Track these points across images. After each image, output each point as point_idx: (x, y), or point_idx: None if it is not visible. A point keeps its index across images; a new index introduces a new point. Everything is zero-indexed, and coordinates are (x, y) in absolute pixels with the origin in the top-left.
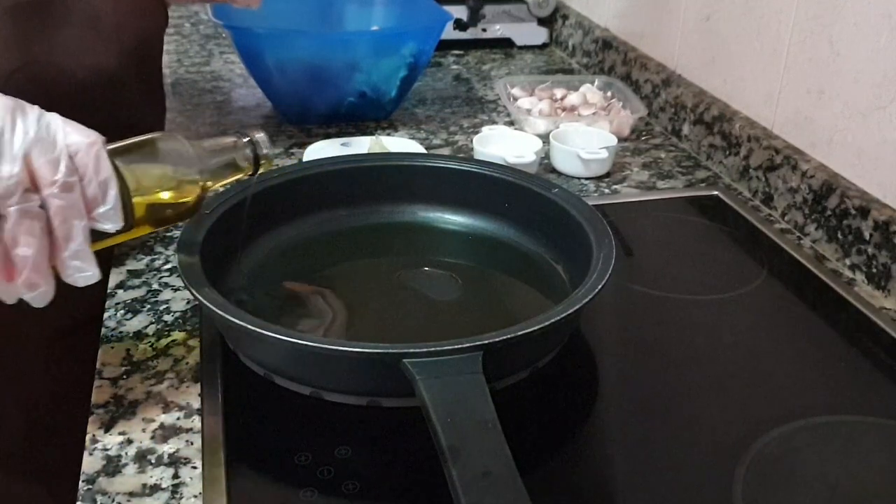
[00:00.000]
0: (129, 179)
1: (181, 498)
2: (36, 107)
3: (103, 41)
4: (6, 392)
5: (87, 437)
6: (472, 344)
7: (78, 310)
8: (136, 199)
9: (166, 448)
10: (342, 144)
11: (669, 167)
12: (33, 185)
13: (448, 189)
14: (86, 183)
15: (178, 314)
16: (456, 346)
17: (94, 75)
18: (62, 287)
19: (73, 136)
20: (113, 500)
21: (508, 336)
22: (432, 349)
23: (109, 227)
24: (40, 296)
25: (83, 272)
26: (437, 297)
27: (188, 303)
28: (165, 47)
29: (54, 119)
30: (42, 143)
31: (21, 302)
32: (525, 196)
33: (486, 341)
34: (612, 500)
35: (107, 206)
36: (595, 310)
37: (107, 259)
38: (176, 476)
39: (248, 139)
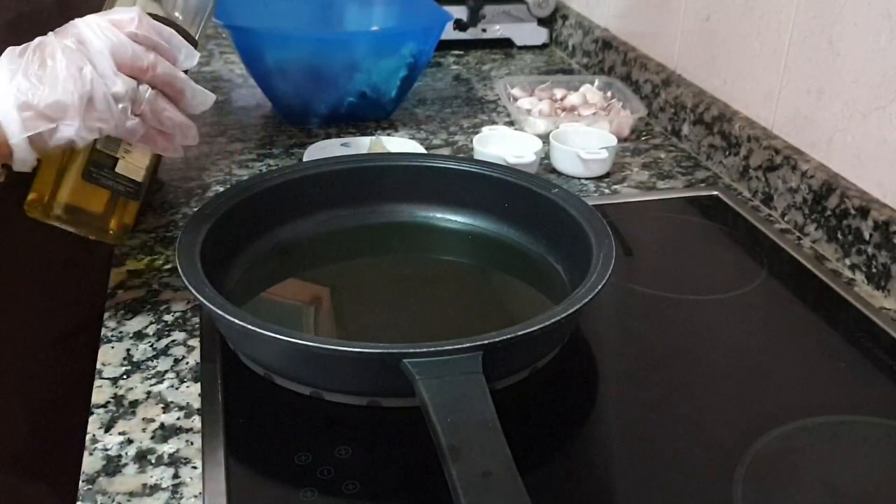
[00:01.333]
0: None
1: (181, 498)
2: (67, 32)
3: None
4: (11, 394)
5: (88, 437)
6: (472, 344)
7: (80, 312)
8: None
9: (166, 448)
10: (342, 144)
11: (669, 167)
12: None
13: (448, 189)
14: (156, 45)
15: (178, 314)
16: (456, 346)
17: None
18: (63, 290)
19: (117, 17)
20: (113, 500)
21: (508, 336)
22: (432, 349)
23: (194, 61)
24: (195, 136)
25: (206, 99)
26: (437, 296)
27: (188, 303)
28: None
29: (90, 23)
30: (115, 49)
31: (25, 306)
32: (525, 196)
33: (486, 341)
34: (612, 500)
35: (182, 49)
36: (595, 310)
37: (107, 259)
38: (176, 476)
39: None
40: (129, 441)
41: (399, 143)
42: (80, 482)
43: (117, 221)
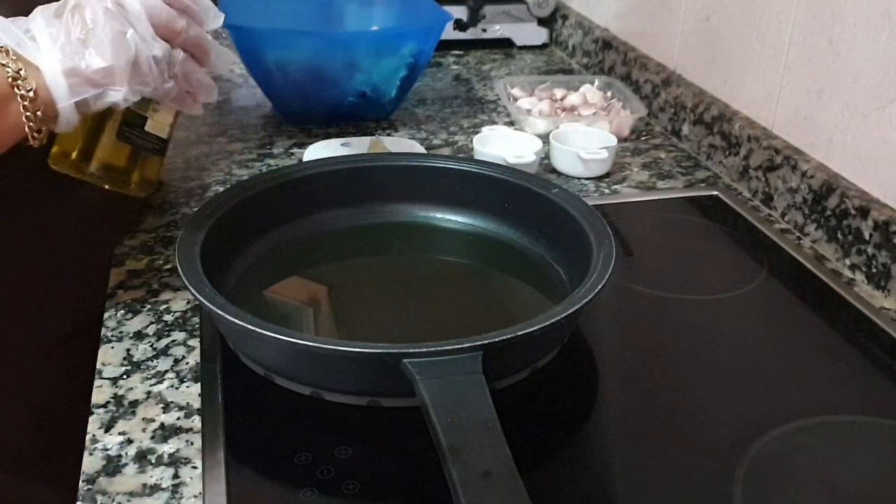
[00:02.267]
0: None
1: (181, 498)
2: None
3: None
4: (14, 394)
5: (88, 437)
6: (472, 344)
7: (83, 313)
8: None
9: (166, 448)
10: (342, 144)
11: (669, 167)
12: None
13: (448, 189)
14: (187, 8)
15: (178, 314)
16: (456, 346)
17: None
18: (66, 290)
19: None
20: (113, 500)
21: (508, 336)
22: (432, 349)
23: (220, 22)
24: (216, 94)
25: (227, 58)
26: (436, 296)
27: (188, 303)
28: None
29: None
30: (151, 12)
31: (27, 307)
32: (525, 196)
33: (486, 341)
34: (612, 500)
35: (209, 10)
36: (595, 310)
37: (107, 259)
38: (176, 476)
39: None
40: (129, 441)
41: (399, 143)
42: (80, 482)
43: (139, 175)
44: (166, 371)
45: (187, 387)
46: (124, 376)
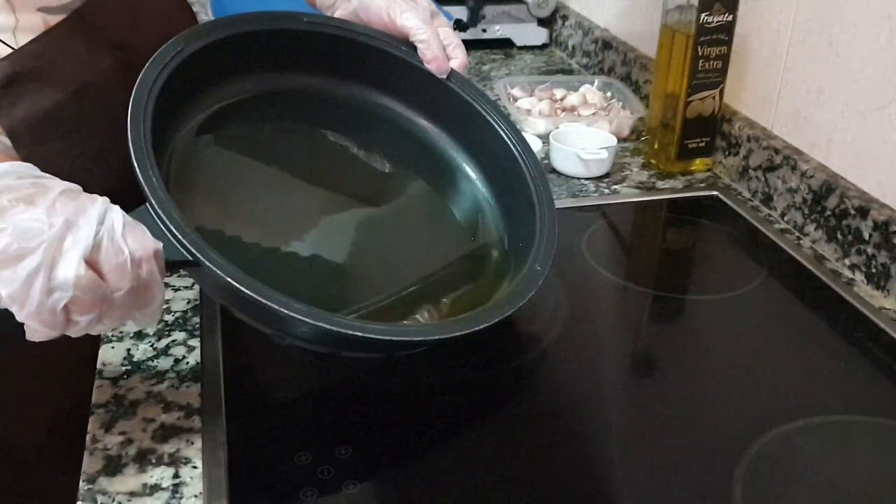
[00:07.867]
0: None
1: (181, 497)
2: (98, 201)
3: None
4: (34, 396)
5: (88, 437)
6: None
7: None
8: None
9: (167, 448)
10: None
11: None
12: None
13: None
14: (140, 288)
15: (178, 314)
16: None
17: None
18: None
19: (134, 244)
20: (113, 500)
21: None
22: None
23: (149, 321)
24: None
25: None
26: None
27: (188, 302)
28: None
29: (117, 220)
30: (107, 250)
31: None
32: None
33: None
34: (613, 500)
35: (151, 307)
36: (595, 309)
37: None
38: (176, 476)
39: None
40: (130, 441)
41: None
42: (81, 482)
43: None
44: (167, 371)
45: (187, 387)
46: (125, 376)
